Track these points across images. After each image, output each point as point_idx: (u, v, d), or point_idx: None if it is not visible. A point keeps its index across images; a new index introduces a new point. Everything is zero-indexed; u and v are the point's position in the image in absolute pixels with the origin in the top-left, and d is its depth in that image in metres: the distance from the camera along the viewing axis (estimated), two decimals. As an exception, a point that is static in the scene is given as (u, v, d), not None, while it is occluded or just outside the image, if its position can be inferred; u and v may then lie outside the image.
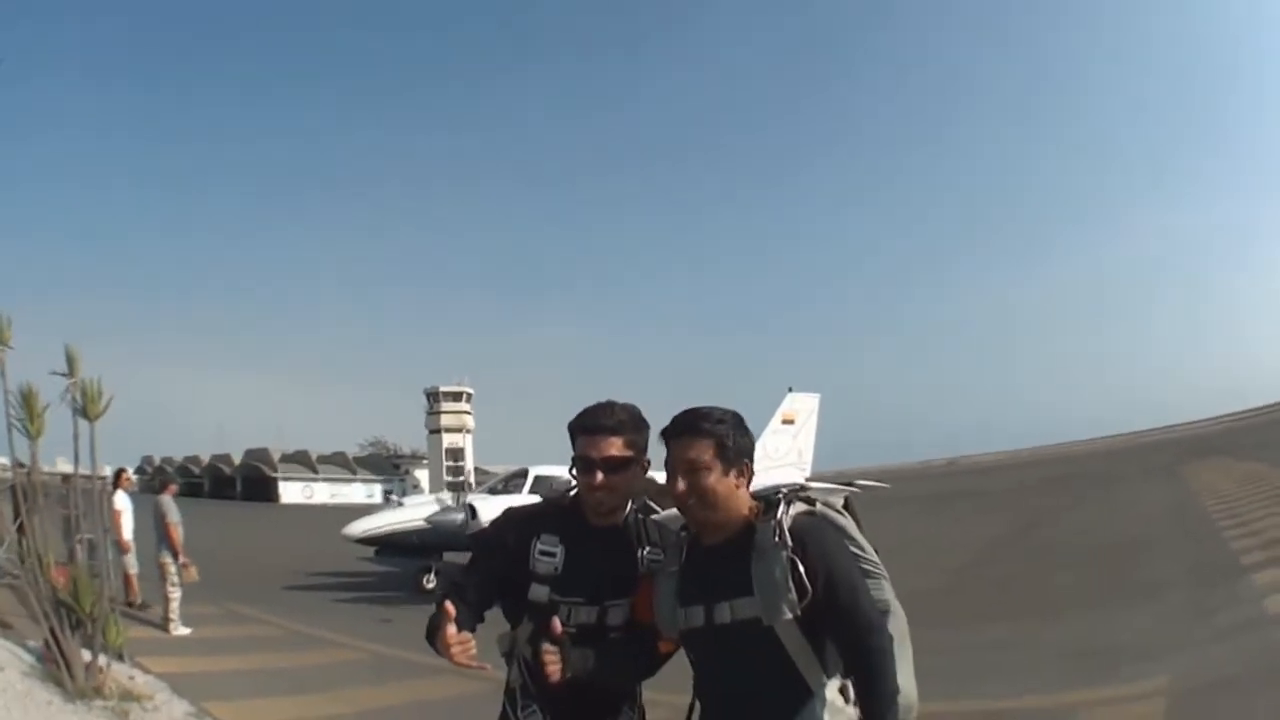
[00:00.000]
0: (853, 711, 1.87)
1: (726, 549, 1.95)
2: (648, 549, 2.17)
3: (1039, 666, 5.98)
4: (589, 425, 2.14)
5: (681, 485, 1.97)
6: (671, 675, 2.13)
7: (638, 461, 2.15)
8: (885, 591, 2.02)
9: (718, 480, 1.97)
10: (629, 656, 2.14)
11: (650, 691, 2.22)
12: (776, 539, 1.88)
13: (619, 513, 2.20)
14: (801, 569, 1.85)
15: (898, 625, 1.97)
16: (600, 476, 2.11)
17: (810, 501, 2.05)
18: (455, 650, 1.98)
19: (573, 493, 2.24)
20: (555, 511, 2.23)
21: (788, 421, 21.69)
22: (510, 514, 2.26)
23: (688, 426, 2.00)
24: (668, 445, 2.03)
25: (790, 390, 22.19)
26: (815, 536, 1.92)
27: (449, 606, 2.00)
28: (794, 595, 1.84)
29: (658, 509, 2.32)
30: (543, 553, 2.12)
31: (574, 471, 2.17)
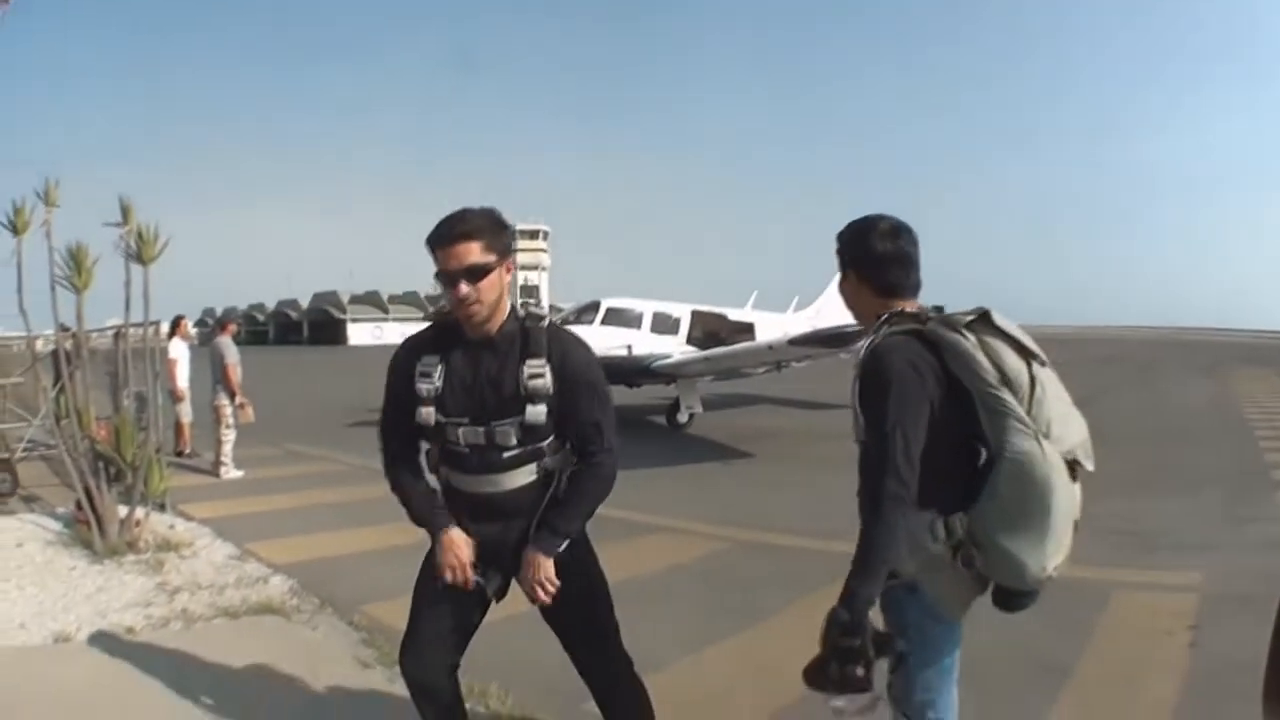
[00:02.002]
0: (937, 549, 1.76)
1: None
2: (528, 361, 2.08)
3: (1087, 539, 6.07)
4: (443, 235, 2.03)
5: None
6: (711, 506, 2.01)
7: (501, 265, 2.06)
8: (1011, 433, 1.69)
9: (844, 282, 1.97)
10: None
11: (695, 523, 2.15)
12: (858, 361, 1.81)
13: (494, 324, 2.11)
14: (859, 402, 1.76)
15: (1018, 476, 1.69)
16: (464, 288, 2.01)
17: (923, 321, 1.80)
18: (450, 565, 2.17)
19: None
20: (437, 331, 2.18)
21: None
22: (405, 340, 2.24)
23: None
24: None
25: None
26: (875, 364, 1.75)
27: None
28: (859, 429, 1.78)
29: (542, 315, 2.22)
30: (422, 374, 2.11)
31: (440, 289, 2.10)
